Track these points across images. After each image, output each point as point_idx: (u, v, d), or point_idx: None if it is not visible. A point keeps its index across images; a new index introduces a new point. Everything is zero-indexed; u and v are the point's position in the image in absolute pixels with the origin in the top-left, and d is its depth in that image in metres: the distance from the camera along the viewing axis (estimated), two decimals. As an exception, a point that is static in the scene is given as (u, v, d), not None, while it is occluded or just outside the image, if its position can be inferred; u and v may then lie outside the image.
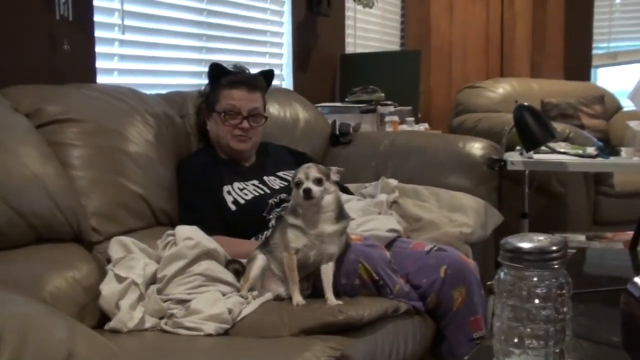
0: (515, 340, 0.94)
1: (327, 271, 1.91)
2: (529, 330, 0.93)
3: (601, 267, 1.93)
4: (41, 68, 2.35)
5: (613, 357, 1.14)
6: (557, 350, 0.97)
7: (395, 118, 3.72)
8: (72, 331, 0.89)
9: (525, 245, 0.95)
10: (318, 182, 1.89)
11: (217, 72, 2.48)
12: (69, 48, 2.38)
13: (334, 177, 1.95)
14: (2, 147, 1.79)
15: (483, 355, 1.13)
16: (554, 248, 0.94)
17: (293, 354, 1.48)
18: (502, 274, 0.97)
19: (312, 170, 1.91)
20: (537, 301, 0.92)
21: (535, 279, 0.93)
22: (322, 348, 1.54)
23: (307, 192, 1.86)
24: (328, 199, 1.92)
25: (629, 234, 1.94)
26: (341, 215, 1.94)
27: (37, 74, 2.31)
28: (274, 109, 2.95)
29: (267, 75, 2.61)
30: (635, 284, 1.06)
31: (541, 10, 5.30)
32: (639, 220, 1.92)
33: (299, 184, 1.89)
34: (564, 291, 0.95)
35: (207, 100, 2.50)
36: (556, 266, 0.94)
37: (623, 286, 1.05)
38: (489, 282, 2.51)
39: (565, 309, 0.95)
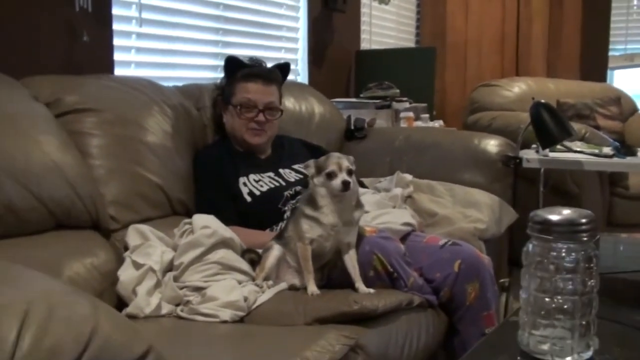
0: (542, 312, 0.95)
1: (352, 260, 1.92)
2: (555, 302, 0.93)
3: (618, 255, 1.93)
4: (61, 59, 2.38)
5: (637, 335, 1.14)
6: (584, 323, 0.97)
7: (411, 114, 3.72)
8: (96, 309, 0.91)
9: (555, 217, 0.95)
10: (349, 172, 1.90)
11: (233, 65, 2.49)
12: (88, 39, 2.41)
13: (353, 167, 1.96)
14: (23, 135, 1.82)
15: (508, 329, 1.13)
16: (583, 220, 0.94)
17: (308, 342, 1.49)
18: (530, 246, 0.97)
19: (344, 161, 1.91)
20: (564, 273, 0.93)
21: (563, 251, 0.93)
22: (336, 336, 1.54)
23: (347, 185, 1.87)
24: (352, 190, 1.93)
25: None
26: (358, 204, 1.96)
27: (56, 65, 2.34)
28: (289, 102, 2.96)
29: (284, 68, 2.61)
30: None
31: (558, 9, 5.28)
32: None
33: (331, 175, 1.89)
34: (592, 264, 0.95)
35: (223, 93, 2.51)
36: (585, 239, 0.95)
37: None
38: (502, 280, 2.51)
39: (592, 282, 0.95)
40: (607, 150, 2.91)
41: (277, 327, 1.69)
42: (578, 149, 2.97)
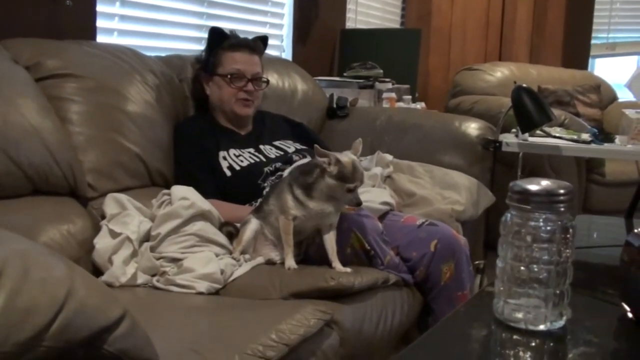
0: (518, 281, 0.96)
1: (331, 240, 1.92)
2: (531, 271, 0.95)
3: (593, 234, 1.95)
4: (42, 22, 2.34)
5: (609, 307, 1.16)
6: (558, 292, 0.99)
7: (393, 95, 3.71)
8: (72, 272, 0.90)
9: (533, 187, 0.97)
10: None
11: (218, 35, 2.47)
12: (71, 3, 2.37)
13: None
14: (1, 97, 1.79)
15: (483, 298, 1.15)
16: (562, 191, 0.96)
17: (284, 315, 1.50)
18: (509, 216, 0.98)
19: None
20: (541, 243, 0.94)
21: (541, 220, 0.94)
22: (312, 311, 1.55)
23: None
24: None
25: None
26: None
27: (37, 28, 2.30)
28: (273, 78, 2.94)
29: (262, 40, 2.61)
30: (636, 234, 1.08)
31: (543, -5, 5.30)
32: (637, 188, 1.94)
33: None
34: (568, 235, 0.96)
35: (205, 65, 2.49)
36: (562, 209, 0.96)
37: (621, 244, 1.07)
38: (477, 262, 2.53)
39: (568, 252, 0.97)
40: (585, 136, 2.93)
41: (253, 300, 1.70)
42: (557, 135, 3.00)
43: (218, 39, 2.45)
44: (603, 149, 2.87)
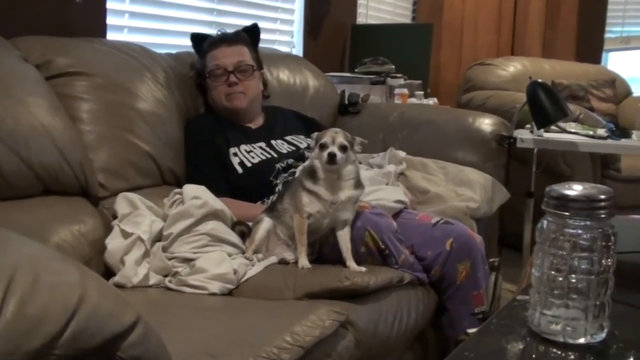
0: (555, 291, 0.91)
1: (345, 238, 1.90)
2: (569, 281, 0.90)
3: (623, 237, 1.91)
4: (52, 20, 2.33)
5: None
6: (598, 303, 0.94)
7: (405, 91, 3.68)
8: (84, 277, 0.88)
9: (572, 192, 0.91)
10: (343, 149, 1.88)
11: (198, 40, 2.49)
12: (81, 1, 2.36)
13: (357, 147, 1.94)
14: (12, 96, 1.78)
15: (516, 309, 1.10)
16: (602, 197, 0.91)
17: (298, 316, 1.48)
18: (545, 222, 0.93)
19: (339, 136, 1.89)
20: (580, 251, 0.89)
21: (580, 228, 0.89)
22: (327, 312, 1.53)
23: (332, 157, 1.85)
24: (349, 168, 1.91)
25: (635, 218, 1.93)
26: (358, 183, 1.94)
27: (47, 26, 2.29)
28: (284, 75, 2.93)
29: (252, 29, 2.58)
30: None
31: (556, -12, 5.25)
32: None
33: (323, 147, 1.88)
34: (609, 243, 0.91)
35: (198, 73, 2.48)
36: (603, 216, 0.91)
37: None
38: (491, 259, 2.50)
39: (609, 261, 0.92)
40: (601, 131, 2.89)
41: (267, 300, 1.68)
42: (572, 130, 2.95)
43: (199, 43, 2.47)
44: (620, 145, 2.82)
